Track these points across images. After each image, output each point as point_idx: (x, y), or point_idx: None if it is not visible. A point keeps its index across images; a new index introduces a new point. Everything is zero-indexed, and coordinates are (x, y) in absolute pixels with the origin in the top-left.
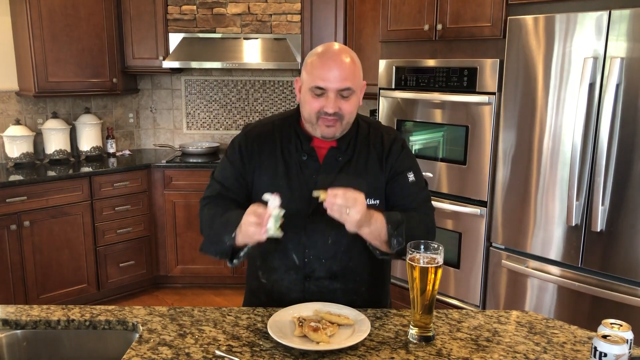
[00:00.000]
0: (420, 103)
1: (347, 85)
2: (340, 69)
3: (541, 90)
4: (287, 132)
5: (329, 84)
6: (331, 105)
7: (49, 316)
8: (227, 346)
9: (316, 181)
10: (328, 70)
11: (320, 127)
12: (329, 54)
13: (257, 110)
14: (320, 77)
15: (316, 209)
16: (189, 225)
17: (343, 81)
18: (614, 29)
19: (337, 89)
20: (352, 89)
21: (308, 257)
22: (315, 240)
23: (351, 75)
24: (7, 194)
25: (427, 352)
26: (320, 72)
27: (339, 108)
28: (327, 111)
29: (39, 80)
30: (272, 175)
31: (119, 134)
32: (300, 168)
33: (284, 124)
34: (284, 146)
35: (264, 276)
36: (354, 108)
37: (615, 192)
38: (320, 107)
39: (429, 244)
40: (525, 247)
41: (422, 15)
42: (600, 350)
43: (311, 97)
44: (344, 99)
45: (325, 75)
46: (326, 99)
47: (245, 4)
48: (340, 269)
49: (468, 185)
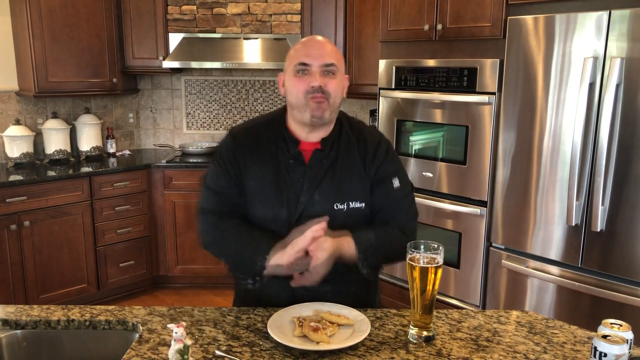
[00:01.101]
0: (420, 103)
1: (331, 61)
2: (322, 47)
3: (541, 90)
4: (274, 136)
5: (312, 60)
6: (316, 79)
7: (49, 316)
8: (227, 346)
9: (303, 185)
10: (311, 47)
11: (309, 107)
12: (312, 39)
13: (257, 110)
14: (303, 54)
15: (303, 214)
16: (189, 225)
17: (326, 57)
18: (614, 29)
19: (320, 64)
20: (335, 65)
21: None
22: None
23: (334, 53)
24: (7, 194)
25: (427, 352)
26: (303, 50)
27: (324, 84)
28: (313, 85)
29: (39, 80)
30: (260, 179)
31: (119, 134)
32: (287, 172)
33: (270, 127)
34: (272, 149)
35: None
36: (338, 89)
37: (615, 192)
38: (306, 85)
39: (429, 244)
40: (525, 247)
41: (422, 15)
42: (600, 350)
43: (296, 78)
44: (329, 77)
45: (308, 52)
46: (311, 75)
47: (245, 4)
48: (329, 272)
49: (468, 185)
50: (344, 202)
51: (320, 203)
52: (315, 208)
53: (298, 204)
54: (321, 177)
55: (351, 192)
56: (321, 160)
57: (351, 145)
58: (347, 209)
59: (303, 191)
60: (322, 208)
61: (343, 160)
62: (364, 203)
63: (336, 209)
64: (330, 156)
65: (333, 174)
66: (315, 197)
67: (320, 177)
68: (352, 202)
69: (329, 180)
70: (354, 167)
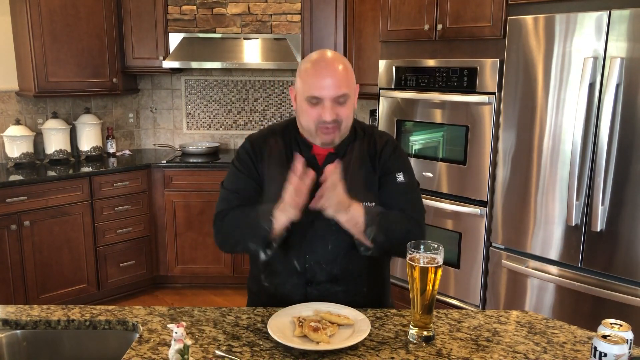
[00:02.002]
0: (420, 103)
1: (343, 92)
2: (334, 77)
3: (541, 90)
4: (289, 141)
5: (324, 93)
6: (328, 114)
7: (49, 316)
8: (227, 346)
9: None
10: (322, 78)
11: (319, 135)
12: (322, 63)
13: (257, 110)
14: (315, 87)
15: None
16: (189, 225)
17: (338, 88)
18: (614, 29)
19: (332, 97)
20: (347, 94)
21: (309, 262)
22: (316, 246)
23: (345, 81)
24: (7, 194)
25: (427, 352)
26: (315, 81)
27: (337, 114)
28: (325, 119)
29: (39, 80)
30: (277, 184)
31: (119, 134)
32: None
33: (284, 133)
34: (288, 153)
35: (267, 280)
36: (350, 112)
37: (615, 192)
38: (317, 116)
39: (429, 244)
40: (525, 247)
41: (422, 15)
42: (600, 350)
43: (308, 107)
44: (341, 105)
45: (320, 83)
46: (323, 107)
47: (245, 4)
48: (341, 273)
49: (468, 185)
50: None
51: None
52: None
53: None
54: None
55: (363, 193)
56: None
57: (362, 148)
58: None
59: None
60: None
61: (355, 162)
62: (374, 203)
63: None
64: (345, 160)
65: (346, 175)
66: None
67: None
68: (365, 202)
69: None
70: (365, 168)
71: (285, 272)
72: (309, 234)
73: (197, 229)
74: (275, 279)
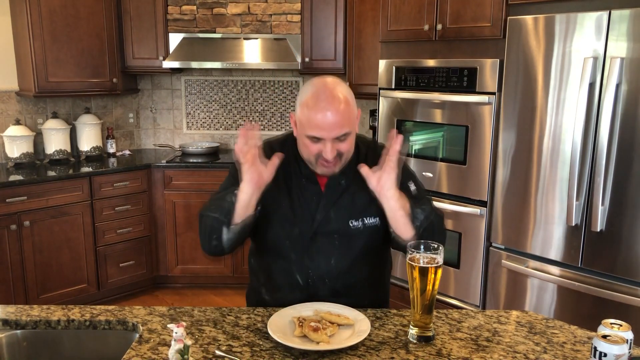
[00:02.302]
0: (420, 103)
1: (344, 132)
2: (335, 116)
3: (541, 90)
4: (287, 156)
5: (325, 134)
6: (329, 153)
7: (49, 316)
8: (227, 346)
9: (318, 204)
10: (323, 118)
11: (319, 167)
12: (323, 97)
13: (257, 110)
14: (316, 127)
15: (318, 231)
16: (189, 225)
17: (340, 129)
18: (614, 29)
19: (333, 137)
20: (349, 132)
21: (312, 278)
22: (319, 262)
23: (347, 119)
24: (7, 194)
25: (427, 352)
26: (315, 120)
27: (337, 150)
28: (327, 158)
29: (39, 80)
30: (274, 198)
31: (119, 134)
32: (301, 190)
33: (282, 147)
34: (285, 169)
35: (268, 294)
36: (351, 145)
37: (615, 192)
38: (318, 151)
39: (429, 244)
40: (525, 247)
41: (422, 15)
42: (600, 350)
43: (309, 142)
44: (342, 142)
45: (321, 124)
46: (324, 144)
47: (245, 4)
48: (344, 287)
49: (468, 185)
50: (358, 219)
51: (335, 221)
52: (330, 225)
53: (313, 221)
54: (338, 196)
55: (366, 208)
56: (339, 182)
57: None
58: (363, 225)
59: (319, 209)
60: (337, 225)
61: (359, 178)
62: (378, 217)
63: (352, 226)
64: (349, 177)
65: (350, 192)
66: (330, 214)
67: (338, 196)
68: (367, 217)
69: (345, 198)
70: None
71: (287, 287)
72: (312, 249)
73: (197, 229)
74: (276, 293)
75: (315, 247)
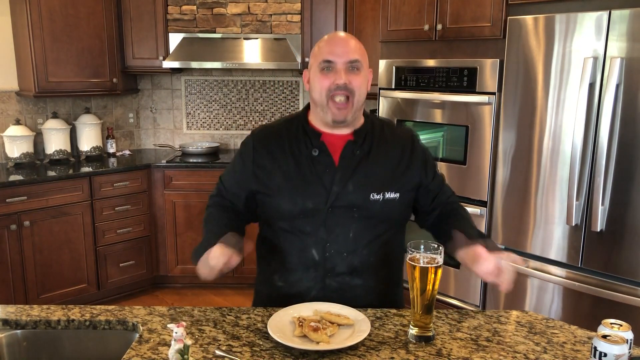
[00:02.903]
0: (420, 103)
1: (356, 57)
2: (347, 44)
3: (541, 90)
4: (295, 131)
5: (337, 57)
6: (341, 77)
7: (49, 316)
8: (227, 346)
9: (333, 176)
10: (335, 45)
11: (331, 109)
12: (335, 36)
13: (257, 110)
14: (328, 52)
15: (335, 204)
16: (189, 225)
17: (351, 53)
18: (614, 29)
19: (345, 61)
20: (360, 61)
21: (329, 251)
22: (337, 235)
23: (359, 50)
24: (7, 194)
25: (427, 352)
26: (328, 47)
27: (349, 81)
28: (338, 83)
29: (39, 80)
30: (284, 175)
31: (119, 134)
32: (312, 163)
33: (290, 124)
34: (293, 144)
35: (281, 279)
36: (363, 85)
37: (616, 192)
38: (330, 83)
39: (429, 244)
40: (525, 247)
41: (422, 15)
42: (600, 350)
43: (321, 76)
44: (353, 73)
45: (333, 49)
46: (335, 73)
47: (245, 4)
48: (361, 264)
49: (468, 185)
50: (379, 192)
51: (354, 193)
52: (349, 198)
53: (330, 194)
54: (354, 167)
55: (386, 183)
56: (354, 152)
57: (386, 138)
58: (383, 199)
59: (335, 181)
60: (357, 197)
61: (377, 150)
62: (399, 194)
63: (372, 199)
64: (364, 148)
65: (366, 164)
66: (349, 187)
67: (354, 167)
68: (388, 192)
69: (362, 170)
70: (390, 158)
71: (302, 267)
72: (329, 221)
73: (197, 229)
74: (290, 276)
75: (333, 220)
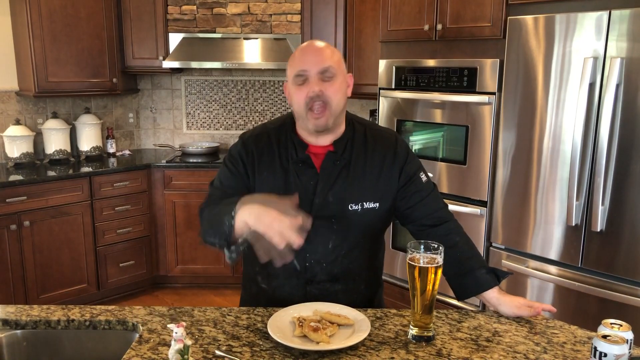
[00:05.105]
0: (420, 103)
1: (327, 65)
2: (317, 53)
3: (541, 90)
4: (284, 140)
5: (309, 66)
6: (314, 87)
7: (49, 316)
8: (227, 346)
9: (315, 188)
10: (306, 54)
11: (309, 119)
12: (308, 45)
13: (257, 110)
14: (300, 62)
15: (316, 215)
16: (189, 225)
17: (322, 62)
18: (614, 29)
19: (317, 71)
20: (332, 68)
21: (309, 261)
22: (316, 246)
23: (329, 56)
24: (7, 194)
25: (427, 352)
26: (299, 59)
27: (322, 91)
28: (311, 95)
29: (39, 80)
30: (271, 183)
31: (119, 134)
32: (297, 175)
33: (279, 132)
34: (281, 153)
35: (264, 282)
36: (338, 92)
37: (615, 192)
38: (305, 96)
39: (429, 244)
40: (525, 247)
41: (422, 15)
42: (600, 350)
43: (296, 88)
44: (327, 82)
45: (304, 60)
46: (309, 84)
47: (245, 4)
48: (341, 272)
49: (468, 185)
50: (357, 203)
51: (333, 204)
52: (328, 209)
53: (312, 205)
54: (334, 179)
55: (365, 193)
56: (334, 162)
57: (367, 145)
58: (361, 209)
59: (317, 193)
60: (336, 208)
61: (357, 160)
62: (378, 203)
63: (350, 210)
64: (344, 157)
65: (346, 174)
66: (329, 198)
67: (334, 179)
68: (366, 202)
69: (342, 181)
70: (369, 167)
71: (284, 274)
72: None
73: (197, 229)
74: (273, 281)
75: (313, 231)
